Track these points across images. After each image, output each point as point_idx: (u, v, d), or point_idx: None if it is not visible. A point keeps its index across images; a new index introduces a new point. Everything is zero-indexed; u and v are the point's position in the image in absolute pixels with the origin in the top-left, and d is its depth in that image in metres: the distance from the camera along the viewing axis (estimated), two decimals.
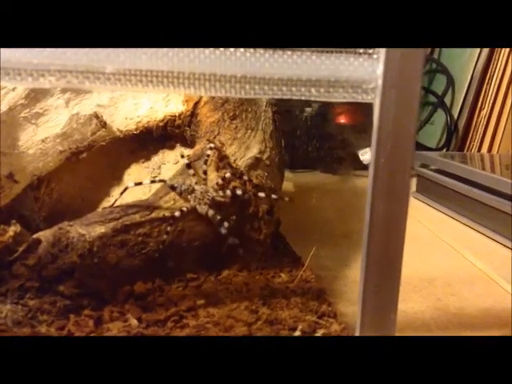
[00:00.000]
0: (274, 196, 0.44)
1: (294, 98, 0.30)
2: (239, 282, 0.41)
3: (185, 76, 0.29)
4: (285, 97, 0.30)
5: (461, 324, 0.46)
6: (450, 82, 1.01)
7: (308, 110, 0.98)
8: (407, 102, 0.30)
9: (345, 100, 0.31)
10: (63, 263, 0.36)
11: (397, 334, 0.43)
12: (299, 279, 0.42)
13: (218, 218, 0.41)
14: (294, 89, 0.30)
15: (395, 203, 0.31)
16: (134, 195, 0.47)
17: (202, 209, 0.41)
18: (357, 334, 0.32)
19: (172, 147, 0.51)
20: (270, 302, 0.39)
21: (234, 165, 0.43)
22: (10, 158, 0.46)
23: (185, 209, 0.41)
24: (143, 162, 0.52)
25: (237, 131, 0.46)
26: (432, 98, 1.06)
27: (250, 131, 0.47)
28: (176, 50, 0.28)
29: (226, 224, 0.41)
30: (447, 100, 1.02)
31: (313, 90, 0.31)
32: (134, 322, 0.36)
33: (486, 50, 0.97)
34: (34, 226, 0.49)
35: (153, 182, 0.43)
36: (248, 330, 0.35)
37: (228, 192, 0.42)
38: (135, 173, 0.52)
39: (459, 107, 1.00)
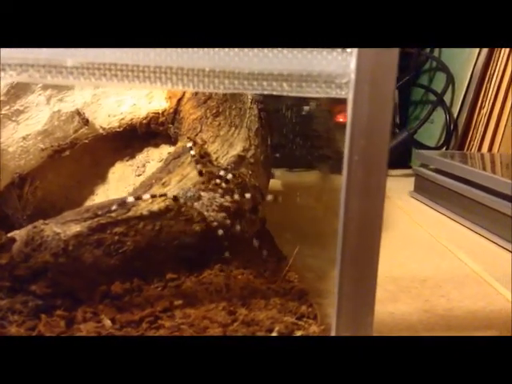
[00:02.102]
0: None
1: (265, 92, 0.30)
2: (219, 282, 0.40)
3: (150, 70, 0.28)
4: (255, 91, 0.30)
5: (448, 326, 0.45)
6: (450, 81, 1.00)
7: (306, 108, 0.97)
8: (382, 97, 0.29)
9: (318, 95, 0.30)
10: (36, 262, 0.36)
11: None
12: (281, 279, 0.41)
13: (228, 222, 0.41)
14: (265, 83, 0.29)
15: (370, 201, 0.30)
16: (117, 194, 0.46)
17: (211, 216, 0.41)
18: (332, 334, 0.31)
19: (157, 145, 0.51)
20: (248, 302, 0.38)
21: (215, 163, 0.42)
22: None
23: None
24: (127, 160, 0.51)
25: (220, 128, 0.45)
26: (432, 97, 1.05)
27: (233, 128, 0.46)
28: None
29: (238, 227, 0.41)
30: (447, 98, 1.01)
31: (285, 84, 0.30)
32: (108, 322, 0.35)
33: (486, 48, 0.96)
34: (18, 225, 0.48)
35: (153, 196, 0.41)
36: (223, 332, 0.34)
37: (236, 196, 0.42)
38: (119, 171, 0.51)
39: (459, 106, 0.98)
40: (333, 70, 0.29)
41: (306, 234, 0.63)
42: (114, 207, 0.39)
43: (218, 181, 0.41)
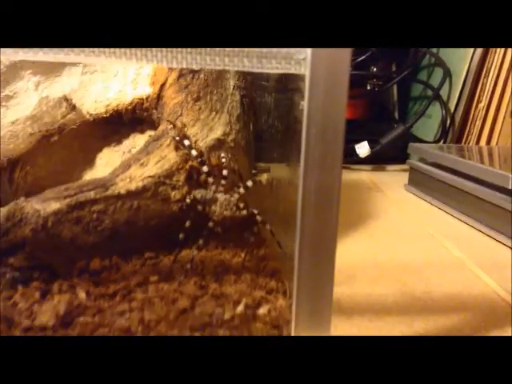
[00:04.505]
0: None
1: (227, 68, 0.31)
2: (196, 260, 0.41)
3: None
4: (218, 67, 0.31)
5: (423, 307, 0.45)
6: (447, 75, 1.00)
7: (302, 103, 0.98)
8: (338, 72, 0.30)
9: (278, 71, 0.31)
10: (15, 237, 0.37)
11: (356, 317, 0.43)
12: (256, 258, 0.42)
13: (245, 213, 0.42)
14: (226, 59, 0.31)
15: (327, 172, 0.31)
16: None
17: (232, 213, 0.42)
18: (293, 311, 0.32)
19: (142, 131, 0.52)
20: (221, 278, 0.39)
21: (193, 145, 0.44)
22: None
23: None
24: (114, 146, 0.52)
25: (200, 112, 0.46)
26: (430, 92, 1.05)
27: (214, 113, 0.47)
28: None
29: (259, 218, 0.43)
30: (445, 93, 1.01)
31: (245, 60, 0.31)
32: (82, 295, 0.36)
33: None
34: None
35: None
36: (191, 304, 0.35)
37: (242, 189, 0.43)
38: (106, 157, 0.52)
39: (456, 100, 0.99)
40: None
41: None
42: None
43: (195, 163, 0.43)
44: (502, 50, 0.93)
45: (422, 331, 0.41)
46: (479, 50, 0.96)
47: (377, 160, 1.03)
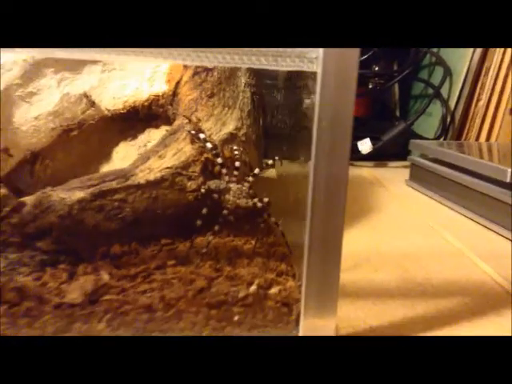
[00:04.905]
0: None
1: (245, 66, 0.34)
2: (210, 246, 0.44)
3: None
4: (237, 65, 0.33)
5: (423, 292, 0.48)
6: (448, 74, 1.03)
7: (308, 102, 1.00)
8: (347, 70, 0.33)
9: (291, 69, 0.34)
10: (43, 223, 0.40)
11: (360, 300, 0.46)
12: (266, 244, 0.45)
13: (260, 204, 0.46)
14: (245, 58, 0.33)
15: (336, 164, 0.34)
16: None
17: (243, 202, 0.45)
18: (302, 291, 0.35)
19: (157, 126, 0.55)
20: (234, 262, 0.42)
21: (208, 139, 0.46)
22: (5, 134, 0.50)
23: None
24: (130, 141, 0.55)
25: (214, 108, 0.49)
26: (431, 90, 1.08)
27: (227, 109, 0.50)
28: None
29: (261, 204, 0.46)
30: (445, 91, 1.04)
31: (262, 59, 0.33)
32: (105, 276, 0.39)
33: None
34: None
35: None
36: (208, 284, 0.38)
37: (250, 178, 0.46)
38: (123, 151, 0.55)
39: (456, 98, 1.01)
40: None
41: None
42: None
43: (209, 155, 0.45)
44: (502, 49, 0.96)
45: (423, 313, 0.43)
46: (479, 50, 0.99)
47: (378, 157, 1.05)
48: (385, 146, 1.01)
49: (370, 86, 1.11)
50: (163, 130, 0.55)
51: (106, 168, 0.55)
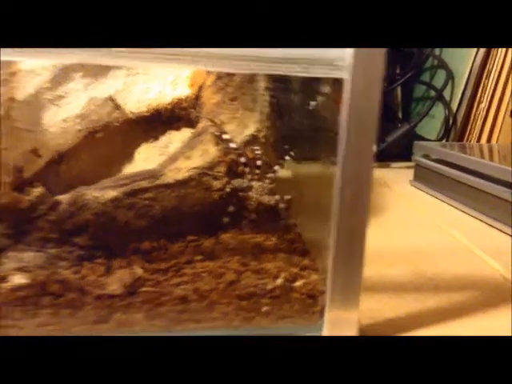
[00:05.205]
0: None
1: (282, 73, 0.36)
2: (234, 242, 0.46)
3: (202, 55, 0.34)
4: (275, 72, 0.36)
5: (435, 286, 0.51)
6: (450, 77, 1.06)
7: (313, 103, 1.03)
8: (372, 76, 0.35)
9: (323, 75, 0.37)
10: (79, 220, 0.42)
11: (377, 294, 0.48)
12: (287, 241, 0.47)
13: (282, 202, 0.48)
14: (281, 65, 0.36)
15: (362, 163, 0.36)
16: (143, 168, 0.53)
17: (265, 198, 0.48)
18: (328, 284, 0.38)
19: (178, 128, 0.57)
20: (259, 257, 0.44)
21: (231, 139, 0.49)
22: (34, 135, 0.52)
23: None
24: (152, 142, 0.57)
25: (236, 111, 0.52)
26: (433, 93, 1.11)
27: (247, 112, 0.52)
28: None
29: (283, 205, 0.48)
30: (447, 94, 1.07)
31: (296, 66, 0.36)
32: (139, 270, 0.41)
33: None
34: None
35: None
36: (237, 277, 0.40)
37: (272, 175, 0.49)
38: (145, 152, 0.57)
39: (458, 101, 1.04)
40: (334, 55, 0.35)
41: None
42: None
43: (234, 155, 0.48)
44: (503, 53, 0.99)
45: (436, 306, 0.46)
46: (481, 53, 1.01)
47: (382, 158, 1.08)
48: (389, 147, 1.04)
49: None
50: (184, 132, 0.57)
51: (128, 168, 0.57)
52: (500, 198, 0.70)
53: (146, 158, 0.57)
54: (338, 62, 0.36)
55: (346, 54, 0.35)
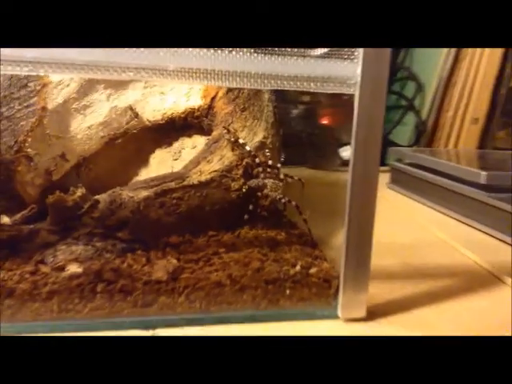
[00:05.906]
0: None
1: (299, 89, 0.42)
2: (251, 236, 0.53)
3: (215, 72, 0.40)
4: (292, 89, 0.42)
5: (422, 274, 0.58)
6: (420, 88, 1.15)
7: (295, 111, 1.10)
8: (378, 93, 0.42)
9: (334, 91, 0.43)
10: (120, 216, 0.48)
11: (375, 281, 0.55)
12: (296, 235, 0.54)
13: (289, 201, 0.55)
14: (298, 83, 0.42)
15: (370, 165, 0.43)
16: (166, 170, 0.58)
17: (279, 196, 0.54)
18: (341, 269, 0.44)
19: (190, 135, 0.63)
20: (275, 249, 0.50)
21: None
22: (63, 141, 0.57)
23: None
24: (166, 148, 0.63)
25: (246, 120, 0.58)
26: (404, 102, 1.19)
27: (256, 121, 0.59)
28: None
29: (294, 203, 0.55)
30: (417, 103, 1.16)
31: (311, 84, 0.42)
32: (174, 260, 0.47)
33: (451, 58, 1.11)
34: None
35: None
36: (261, 265, 0.47)
37: (281, 175, 0.56)
38: (159, 156, 0.63)
39: (427, 109, 1.13)
40: (345, 74, 0.42)
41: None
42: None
43: (249, 159, 0.54)
44: (468, 64, 1.08)
45: (426, 290, 0.53)
46: (448, 64, 1.11)
47: None
48: None
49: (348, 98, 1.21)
50: (195, 139, 0.63)
51: (144, 172, 0.63)
52: (468, 196, 0.78)
53: (160, 162, 0.63)
54: (348, 80, 0.42)
55: (356, 73, 0.42)
